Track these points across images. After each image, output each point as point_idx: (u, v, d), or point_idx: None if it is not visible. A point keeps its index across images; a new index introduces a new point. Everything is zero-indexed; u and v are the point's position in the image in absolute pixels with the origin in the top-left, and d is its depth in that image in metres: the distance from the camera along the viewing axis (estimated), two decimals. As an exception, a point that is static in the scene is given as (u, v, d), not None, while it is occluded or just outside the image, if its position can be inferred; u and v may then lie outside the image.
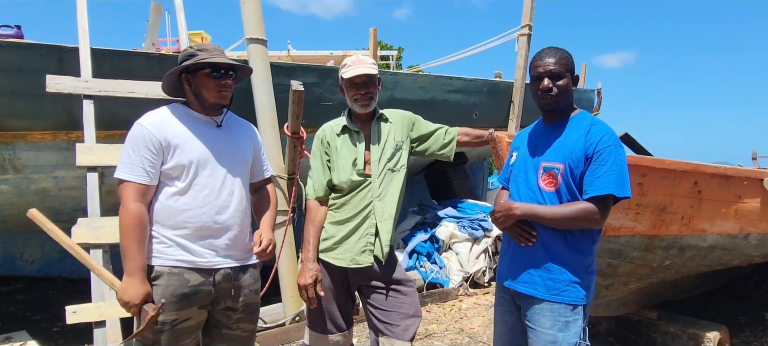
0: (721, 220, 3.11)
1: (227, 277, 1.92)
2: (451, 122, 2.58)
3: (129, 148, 1.82)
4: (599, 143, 1.77)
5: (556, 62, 1.84)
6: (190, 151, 1.86)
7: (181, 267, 1.83)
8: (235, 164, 1.97)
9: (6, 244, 4.86)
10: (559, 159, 1.83)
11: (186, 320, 1.85)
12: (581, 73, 8.31)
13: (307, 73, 4.65)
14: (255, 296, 2.05)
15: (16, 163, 3.83)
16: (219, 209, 1.89)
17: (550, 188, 1.82)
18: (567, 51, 1.89)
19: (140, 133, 1.82)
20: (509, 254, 1.98)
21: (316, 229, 2.22)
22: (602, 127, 1.83)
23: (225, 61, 1.89)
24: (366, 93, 2.20)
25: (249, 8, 4.03)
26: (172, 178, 1.85)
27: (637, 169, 2.58)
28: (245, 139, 2.07)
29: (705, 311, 4.32)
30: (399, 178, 2.27)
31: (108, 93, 3.58)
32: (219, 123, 1.98)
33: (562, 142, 1.85)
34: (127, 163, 1.81)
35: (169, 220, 1.84)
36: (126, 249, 1.77)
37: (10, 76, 3.56)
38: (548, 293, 1.83)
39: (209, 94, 1.90)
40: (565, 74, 1.84)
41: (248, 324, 2.05)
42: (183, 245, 1.84)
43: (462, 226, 5.68)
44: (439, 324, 4.36)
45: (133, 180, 1.79)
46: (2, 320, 4.59)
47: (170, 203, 1.84)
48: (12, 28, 4.15)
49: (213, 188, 1.88)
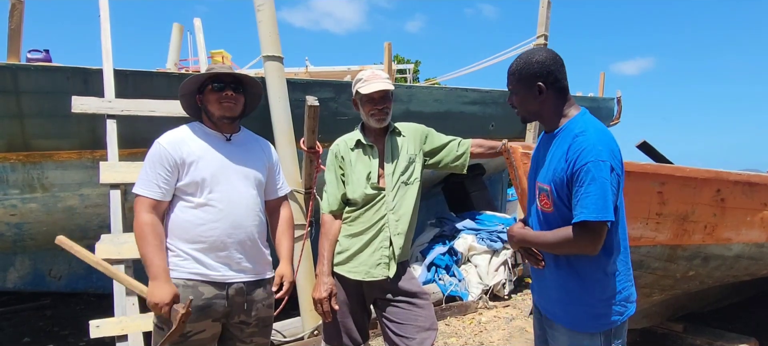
0: (747, 228, 3.02)
1: (240, 291, 1.95)
2: (467, 134, 2.58)
3: (147, 165, 1.91)
4: (577, 161, 1.57)
5: (509, 81, 1.78)
6: (204, 168, 1.91)
7: (195, 280, 1.88)
8: (248, 180, 2.01)
9: (35, 260, 5.00)
10: (547, 180, 1.70)
11: (200, 332, 1.88)
12: (599, 83, 8.21)
13: (323, 88, 4.72)
14: (268, 310, 2.07)
15: (44, 182, 3.96)
16: (233, 224, 1.92)
17: (547, 209, 1.71)
18: (524, 61, 1.72)
19: (157, 152, 1.91)
20: (533, 271, 1.95)
21: (330, 243, 2.24)
22: (584, 139, 1.60)
23: (223, 71, 1.94)
24: (383, 109, 2.22)
25: (265, 27, 4.12)
26: (188, 193, 1.91)
27: (657, 177, 2.54)
28: (258, 155, 2.11)
29: (733, 323, 4.18)
30: (413, 191, 2.27)
31: (130, 112, 3.69)
32: (228, 138, 2.02)
33: (550, 159, 1.72)
34: (144, 179, 1.89)
35: (185, 234, 1.89)
36: (145, 256, 1.84)
37: (39, 98, 3.70)
38: (564, 317, 1.76)
39: (214, 108, 1.96)
40: (517, 89, 1.74)
41: (261, 338, 2.08)
42: (198, 259, 1.89)
43: (480, 238, 5.63)
44: (459, 338, 4.31)
45: (145, 195, 1.87)
46: (32, 334, 4.72)
47: (186, 217, 1.89)
48: (41, 53, 4.34)
49: (227, 203, 1.92)
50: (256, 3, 4.11)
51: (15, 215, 4.13)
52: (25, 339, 4.62)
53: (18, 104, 3.67)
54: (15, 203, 4.02)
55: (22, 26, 3.71)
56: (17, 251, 4.59)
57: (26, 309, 5.47)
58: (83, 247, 2.32)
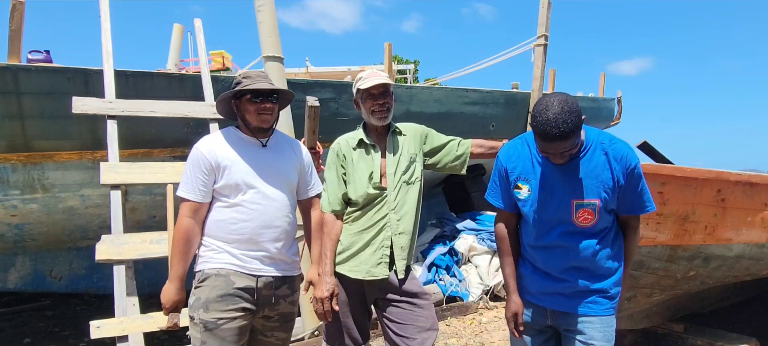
0: (748, 229, 3.02)
1: (269, 285, 2.05)
2: (468, 134, 2.58)
3: (188, 170, 2.03)
4: (628, 165, 1.76)
5: (569, 142, 1.63)
6: (238, 172, 2.02)
7: (228, 269, 1.99)
8: (280, 182, 2.11)
9: (36, 261, 5.01)
10: (593, 195, 1.76)
11: (231, 320, 1.95)
12: (599, 83, 8.21)
13: (324, 88, 4.72)
14: (291, 306, 2.18)
15: (44, 183, 3.97)
16: (264, 223, 2.03)
17: (587, 223, 1.80)
18: (569, 108, 1.60)
19: (195, 157, 2.03)
20: (536, 274, 1.99)
21: (333, 242, 2.23)
22: (619, 146, 1.78)
23: (263, 86, 2.04)
24: (384, 103, 2.22)
25: (266, 27, 4.12)
26: (224, 195, 2.03)
27: (657, 178, 2.54)
28: (290, 158, 2.20)
29: (734, 323, 4.17)
30: (414, 190, 2.27)
31: (131, 113, 3.69)
32: (264, 143, 2.12)
33: (587, 174, 1.77)
34: (185, 182, 2.02)
35: (221, 232, 2.01)
36: (171, 257, 2.01)
37: (39, 99, 3.71)
38: (595, 307, 1.89)
39: (251, 118, 2.06)
40: (576, 140, 1.66)
41: (282, 333, 2.18)
42: (231, 252, 2.01)
43: (481, 238, 5.63)
44: (459, 338, 4.31)
45: (188, 198, 2.00)
46: (32, 335, 4.72)
47: (222, 216, 2.02)
48: (42, 53, 4.34)
49: (259, 204, 2.03)
50: (257, 3, 4.11)
51: (16, 216, 4.13)
52: (26, 340, 4.62)
53: (19, 105, 3.68)
54: (16, 203, 4.02)
55: (22, 27, 3.71)
56: (18, 252, 4.60)
57: (27, 310, 5.47)
58: (83, 247, 2.33)
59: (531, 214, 1.87)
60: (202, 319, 1.92)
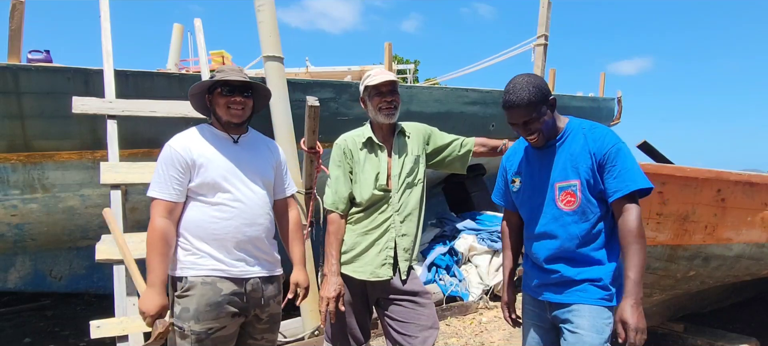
0: (748, 229, 3.02)
1: (257, 286, 2.00)
2: (468, 134, 2.57)
3: (159, 168, 1.94)
4: (603, 146, 1.76)
5: (526, 109, 1.75)
6: (215, 169, 1.95)
7: (214, 276, 1.91)
8: (257, 180, 2.05)
9: (36, 261, 5.01)
10: (572, 175, 1.81)
11: (222, 328, 1.91)
12: (599, 83, 8.20)
13: (324, 88, 4.72)
14: (278, 306, 2.13)
15: (44, 183, 3.96)
16: (246, 222, 1.97)
17: (570, 207, 1.81)
18: (532, 82, 1.77)
19: (168, 154, 1.94)
20: (533, 268, 1.99)
21: (338, 242, 2.22)
22: (597, 130, 1.82)
23: (233, 78, 1.96)
24: (392, 101, 2.22)
25: (266, 27, 4.12)
26: (200, 194, 1.95)
27: (657, 177, 2.54)
28: (266, 156, 2.14)
29: (734, 323, 4.18)
30: (417, 191, 2.28)
31: (131, 113, 3.69)
32: (236, 140, 2.04)
33: (567, 157, 1.83)
34: (157, 181, 1.92)
35: (200, 231, 1.93)
36: (149, 262, 1.87)
37: (39, 99, 3.71)
38: (587, 297, 1.86)
39: (222, 112, 2.00)
40: (540, 113, 1.77)
41: (271, 335, 2.13)
42: (215, 256, 1.92)
43: (481, 238, 5.63)
44: (459, 338, 4.31)
45: (161, 197, 1.90)
46: (33, 335, 4.72)
47: (200, 216, 1.93)
48: (42, 53, 4.33)
49: (240, 202, 1.97)
50: (257, 3, 4.11)
51: (16, 216, 4.13)
52: (26, 340, 4.62)
53: (19, 105, 3.67)
54: (16, 203, 4.02)
55: (22, 27, 3.71)
56: (18, 252, 4.59)
57: (27, 310, 5.47)
58: (83, 247, 2.33)
59: (522, 203, 1.98)
60: (194, 330, 1.86)
